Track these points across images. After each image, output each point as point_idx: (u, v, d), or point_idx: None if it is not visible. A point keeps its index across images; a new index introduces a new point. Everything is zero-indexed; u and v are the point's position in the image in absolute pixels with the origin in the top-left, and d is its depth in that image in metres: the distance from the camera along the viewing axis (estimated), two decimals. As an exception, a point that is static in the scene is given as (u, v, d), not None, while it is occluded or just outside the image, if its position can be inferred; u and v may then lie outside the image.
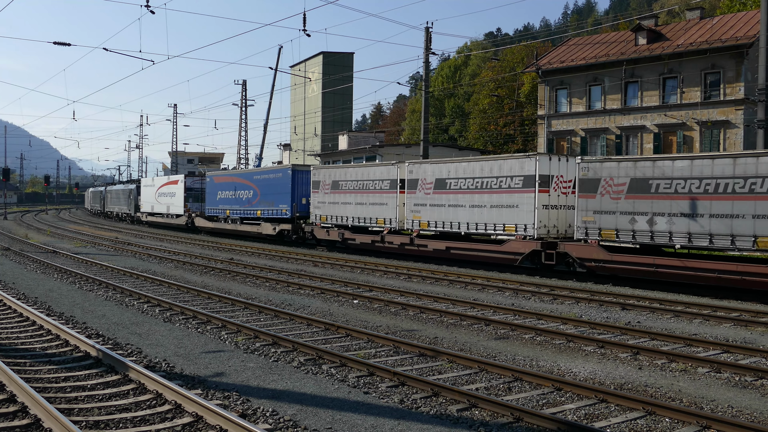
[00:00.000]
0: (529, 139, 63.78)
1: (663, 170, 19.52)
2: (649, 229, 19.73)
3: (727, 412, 8.45)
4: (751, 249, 17.77)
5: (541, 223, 22.59)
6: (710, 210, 18.41)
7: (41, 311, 14.69)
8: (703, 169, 18.68)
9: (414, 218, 27.21)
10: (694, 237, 18.75)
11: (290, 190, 34.87)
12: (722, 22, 40.03)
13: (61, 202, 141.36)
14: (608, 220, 20.72)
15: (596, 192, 21.05)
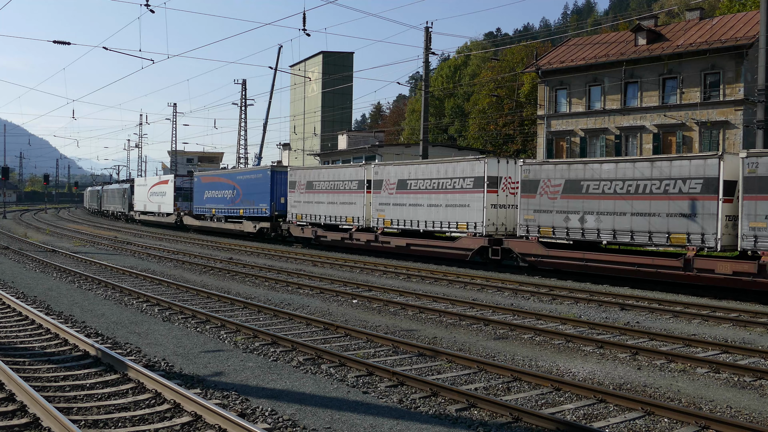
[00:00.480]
0: (529, 140, 63.81)
1: (593, 173, 21.20)
2: (581, 227, 21.40)
3: (726, 413, 8.46)
4: (666, 244, 19.55)
5: (489, 221, 24.22)
6: (632, 209, 20.05)
7: (40, 310, 14.69)
8: (626, 171, 20.35)
9: (379, 216, 28.82)
10: (618, 234, 20.47)
11: (269, 190, 36.51)
12: (722, 22, 40.04)
13: (60, 201, 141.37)
14: (546, 219, 22.38)
15: (536, 192, 22.69)
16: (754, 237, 17.63)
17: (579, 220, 21.44)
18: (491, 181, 24.20)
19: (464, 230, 24.90)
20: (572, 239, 21.86)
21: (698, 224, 18.70)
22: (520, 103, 65.95)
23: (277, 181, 36.58)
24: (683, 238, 19.00)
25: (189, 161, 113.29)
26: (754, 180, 17.72)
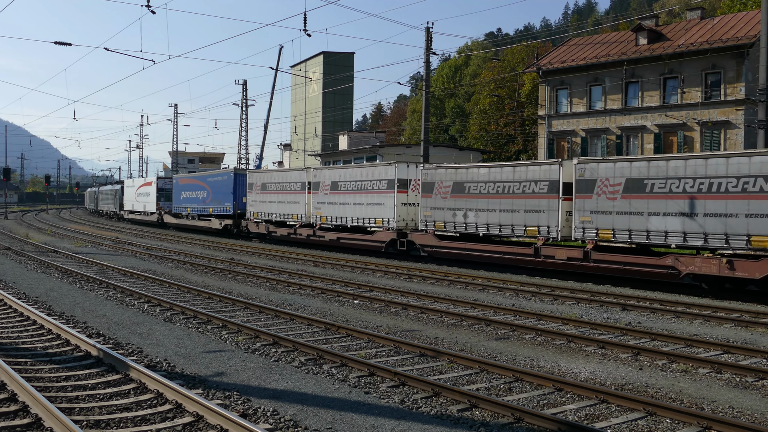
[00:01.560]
0: (530, 140, 63.80)
1: (472, 176, 24.98)
2: (464, 222, 25.19)
3: (728, 413, 8.45)
4: (524, 236, 23.32)
5: (399, 218, 27.92)
6: (500, 207, 23.91)
7: (42, 311, 14.70)
8: (495, 175, 24.20)
9: (317, 214, 32.70)
10: (491, 227, 24.19)
11: (232, 191, 40.38)
12: (723, 22, 40.02)
13: (61, 202, 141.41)
14: (439, 215, 26.19)
15: (432, 192, 26.45)
16: (582, 229, 21.39)
17: (463, 216, 25.21)
18: (401, 183, 27.89)
19: (380, 225, 28.61)
20: (458, 232, 25.59)
21: (545, 219, 22.40)
22: (521, 103, 65.94)
23: (240, 183, 39.93)
24: (535, 231, 22.70)
25: (190, 162, 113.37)
26: (582, 182, 21.38)
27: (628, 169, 20.45)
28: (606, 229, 20.80)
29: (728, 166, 18.23)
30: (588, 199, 21.23)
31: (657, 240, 19.76)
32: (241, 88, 65.48)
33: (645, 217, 19.90)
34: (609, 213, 20.75)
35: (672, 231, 19.29)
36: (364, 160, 54.29)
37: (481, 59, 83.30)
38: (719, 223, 18.33)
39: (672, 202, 19.31)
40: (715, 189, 18.41)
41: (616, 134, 41.87)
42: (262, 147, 63.33)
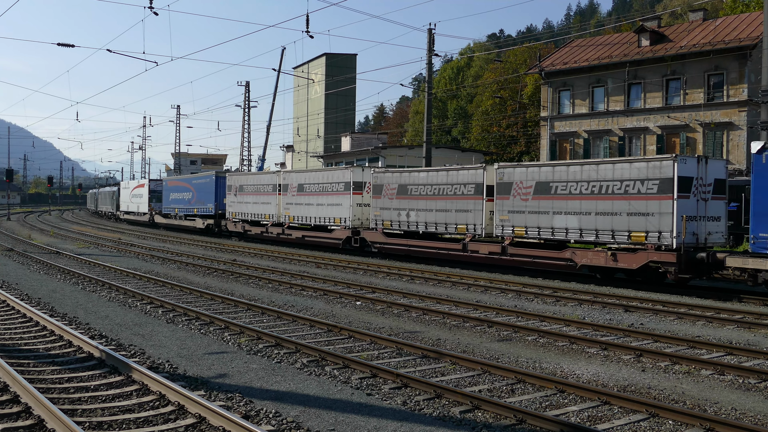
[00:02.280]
0: (532, 141, 63.79)
1: (414, 179, 27.64)
2: (407, 220, 27.79)
3: (731, 415, 8.43)
4: (455, 233, 25.96)
5: (355, 217, 30.48)
6: (435, 207, 26.52)
7: (44, 312, 14.71)
8: (432, 178, 26.91)
9: (286, 214, 35.49)
10: (429, 225, 26.90)
11: (214, 193, 43.34)
12: (725, 23, 39.99)
13: (64, 203, 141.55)
14: (387, 215, 28.76)
15: (381, 194, 29.01)
16: (502, 226, 23.87)
17: (406, 215, 27.88)
18: (357, 186, 30.53)
19: (338, 224, 31.34)
20: (402, 230, 28.25)
21: (472, 218, 25.00)
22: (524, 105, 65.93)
23: (221, 185, 42.90)
24: (464, 228, 25.33)
25: (192, 163, 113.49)
26: (501, 185, 23.84)
27: (538, 173, 22.85)
28: (520, 226, 23.35)
29: (614, 171, 20.66)
30: (506, 200, 23.75)
31: (560, 236, 22.10)
32: (244, 90, 65.61)
33: (551, 215, 22.30)
34: (522, 212, 23.25)
35: (571, 228, 21.66)
36: (366, 162, 54.34)
37: (484, 61, 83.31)
38: (608, 221, 20.73)
39: (571, 203, 21.69)
40: (605, 191, 20.77)
41: (618, 136, 41.85)
42: (264, 148, 63.43)
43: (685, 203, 19.26)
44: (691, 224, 19.45)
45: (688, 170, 19.43)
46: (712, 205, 20.04)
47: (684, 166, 19.38)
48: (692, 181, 19.50)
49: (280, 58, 62.46)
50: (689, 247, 19.29)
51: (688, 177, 19.46)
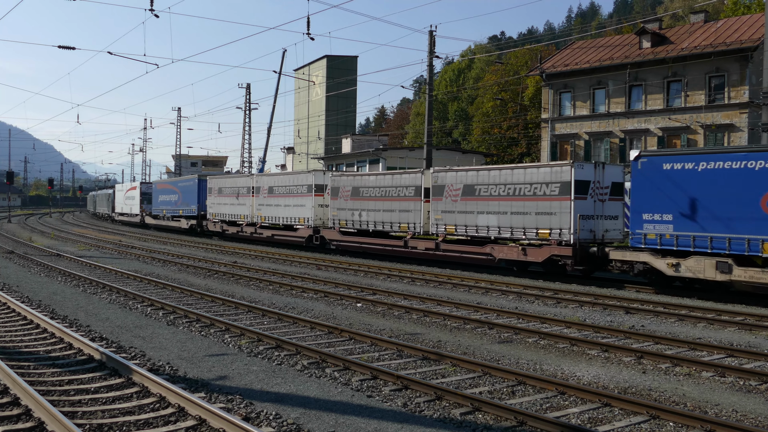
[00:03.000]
0: (533, 143, 63.79)
1: (365, 182, 30.19)
2: (360, 219, 30.36)
3: (732, 417, 8.43)
4: (398, 231, 28.60)
5: (317, 217, 33.47)
6: (383, 207, 29.11)
7: (45, 314, 14.71)
8: (380, 181, 29.46)
9: (258, 214, 38.38)
10: (377, 224, 29.40)
11: (197, 195, 45.99)
12: (726, 25, 39.99)
13: (64, 205, 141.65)
14: (343, 214, 31.43)
15: (338, 196, 31.65)
16: (436, 225, 26.36)
17: (359, 215, 30.46)
18: (318, 188, 33.46)
19: (302, 224, 34.14)
20: (356, 228, 30.78)
21: (413, 217, 27.68)
22: (525, 107, 65.94)
23: (203, 187, 45.59)
24: (406, 227, 28.02)
25: (193, 165, 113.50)
26: (436, 188, 26.27)
27: (465, 177, 25.24)
28: (451, 225, 25.80)
29: (525, 175, 23.12)
30: (440, 201, 26.24)
31: (483, 233, 24.57)
32: (245, 92, 65.65)
33: (475, 215, 24.79)
34: (453, 212, 25.67)
35: (491, 226, 24.16)
36: (367, 164, 54.37)
37: (485, 62, 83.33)
38: (520, 220, 23.21)
39: (492, 203, 24.18)
40: (518, 193, 23.24)
41: (619, 137, 41.85)
42: (265, 150, 63.48)
43: (582, 204, 21.75)
44: (588, 222, 21.94)
45: (585, 175, 21.89)
46: (609, 206, 22.44)
47: (581, 171, 21.80)
48: (589, 185, 21.92)
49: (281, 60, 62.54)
50: (585, 243, 21.71)
51: (586, 181, 21.88)
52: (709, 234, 18.52)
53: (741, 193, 18.01)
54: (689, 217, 19.02)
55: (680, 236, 19.11)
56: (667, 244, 19.34)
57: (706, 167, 18.91)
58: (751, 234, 17.65)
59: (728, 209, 18.17)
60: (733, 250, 18.02)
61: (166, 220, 52.40)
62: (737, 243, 17.95)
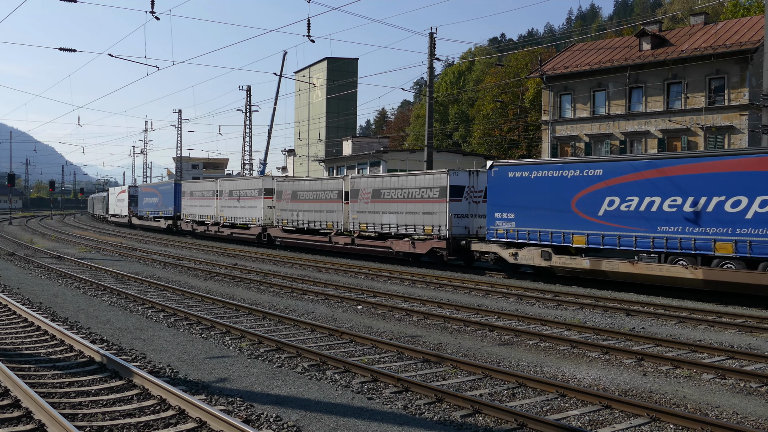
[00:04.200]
0: (533, 145, 63.79)
1: (301, 186, 35.45)
2: (297, 219, 35.24)
3: (732, 419, 8.42)
4: (325, 228, 33.19)
5: (266, 217, 38.19)
6: (314, 208, 34.02)
7: (46, 316, 14.72)
8: (312, 186, 34.75)
9: (221, 215, 43.41)
10: (311, 223, 34.17)
11: (173, 197, 51.12)
12: (726, 27, 40.00)
13: (65, 207, 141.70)
14: (285, 215, 36.25)
15: (281, 199, 36.65)
16: (353, 223, 31.04)
17: (297, 215, 35.34)
18: (267, 191, 38.09)
19: (254, 223, 39.01)
20: (295, 227, 35.56)
21: (337, 216, 32.30)
22: (525, 109, 65.97)
23: (179, 191, 50.71)
24: (331, 225, 32.59)
25: (194, 167, 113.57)
26: (353, 191, 31.02)
27: (374, 182, 30.15)
28: (364, 223, 30.42)
29: (416, 181, 27.68)
30: (356, 203, 30.92)
31: (386, 230, 29.29)
32: (245, 94, 65.66)
33: (381, 214, 29.45)
34: (365, 212, 30.36)
35: (392, 223, 28.82)
36: (368, 166, 54.39)
37: (485, 65, 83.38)
38: (412, 218, 27.75)
39: (393, 205, 28.84)
40: (411, 196, 27.85)
41: (619, 139, 41.84)
42: (265, 152, 63.47)
43: (456, 205, 26.15)
44: (463, 220, 26.31)
45: (459, 181, 26.27)
46: (483, 207, 25.69)
47: (456, 178, 26.22)
48: (464, 189, 26.25)
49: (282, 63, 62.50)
50: (459, 237, 26.04)
51: (460, 186, 26.25)
52: (538, 229, 22.66)
53: (558, 196, 22.01)
54: (525, 215, 23.04)
55: (519, 231, 23.23)
56: (511, 237, 23.43)
57: (537, 175, 22.84)
58: (566, 228, 21.83)
59: (550, 209, 22.25)
60: (554, 242, 22.17)
61: (149, 221, 57.23)
62: (556, 236, 22.11)
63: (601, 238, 20.91)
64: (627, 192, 20.42)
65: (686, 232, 19.10)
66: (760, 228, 17.75)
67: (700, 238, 18.81)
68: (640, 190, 20.15)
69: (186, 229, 48.64)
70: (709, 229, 18.66)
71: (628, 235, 20.25)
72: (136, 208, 61.84)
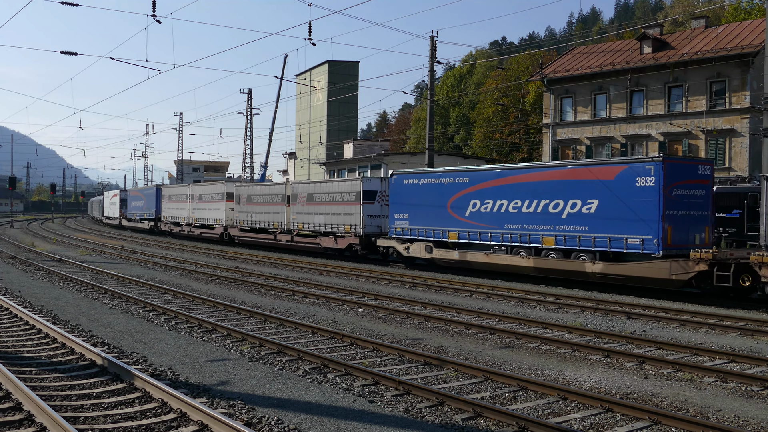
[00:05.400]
0: (534, 148, 63.80)
1: (254, 191, 40.64)
2: (251, 220, 39.99)
3: (734, 422, 8.42)
4: (273, 228, 37.72)
5: (227, 218, 43.15)
6: (264, 210, 38.78)
7: (47, 319, 14.72)
8: (262, 190, 39.96)
9: (192, 216, 48.26)
10: (261, 223, 38.91)
11: (155, 201, 56.12)
12: (727, 30, 40.03)
13: (67, 211, 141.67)
14: (242, 216, 41.22)
15: (239, 202, 41.31)
16: (293, 222, 36.06)
17: (250, 216, 40.15)
18: (228, 195, 43.14)
19: (218, 223, 44.26)
20: (250, 227, 40.31)
21: (281, 217, 37.23)
22: (526, 112, 65.97)
23: (160, 195, 55.85)
24: (276, 224, 37.47)
25: (195, 170, 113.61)
26: (293, 195, 36.07)
27: (309, 187, 35.31)
28: (301, 223, 35.44)
29: (340, 186, 32.97)
30: (295, 205, 35.93)
31: (317, 229, 33.91)
32: (246, 97, 65.74)
33: (313, 215, 34.32)
34: (302, 213, 35.29)
35: (321, 223, 33.54)
36: (369, 169, 54.40)
37: (486, 68, 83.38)
38: (336, 219, 32.45)
39: (322, 207, 33.69)
40: (336, 199, 32.64)
41: (620, 143, 41.85)
42: (266, 155, 63.55)
43: (369, 207, 30.80)
44: (376, 220, 30.76)
45: (373, 186, 31.16)
46: None
47: (369, 184, 31.14)
48: (377, 193, 30.96)
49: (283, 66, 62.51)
50: (371, 235, 30.56)
51: (373, 190, 30.98)
52: (424, 227, 27.07)
53: (438, 200, 26.42)
54: (415, 216, 27.52)
55: (411, 229, 27.68)
56: (406, 234, 27.99)
57: (424, 182, 27.46)
58: (443, 227, 26.25)
59: (433, 210, 26.72)
60: (435, 238, 26.58)
61: (136, 222, 62.50)
62: (437, 233, 26.52)
63: (467, 234, 25.33)
64: (485, 196, 24.89)
65: (524, 229, 23.53)
66: (571, 225, 22.07)
67: (534, 234, 23.16)
68: (493, 194, 24.54)
69: (165, 229, 53.61)
70: (538, 226, 23.01)
71: (486, 232, 24.73)
72: (125, 210, 66.66)
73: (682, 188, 20.50)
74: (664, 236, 19.92)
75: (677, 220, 20.26)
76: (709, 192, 21.25)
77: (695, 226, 20.78)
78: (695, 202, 20.83)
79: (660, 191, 19.95)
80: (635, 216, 20.47)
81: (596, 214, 21.39)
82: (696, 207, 20.84)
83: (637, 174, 20.60)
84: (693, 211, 20.76)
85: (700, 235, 20.93)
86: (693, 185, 20.86)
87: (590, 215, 21.57)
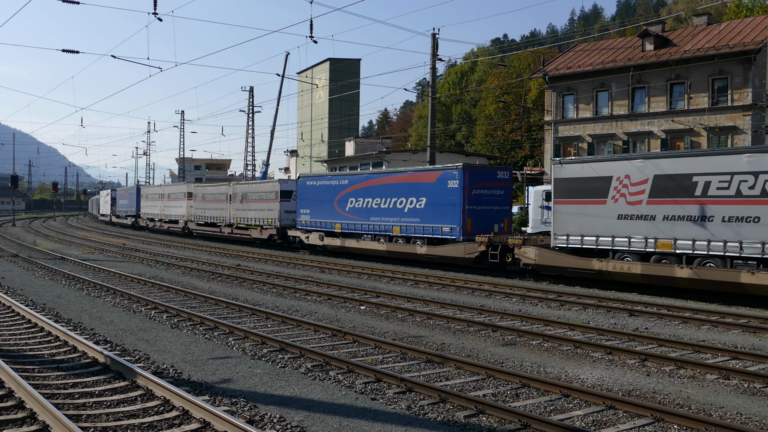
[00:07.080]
0: (536, 145, 63.73)
1: (207, 191, 47.03)
2: (204, 215, 46.36)
3: (736, 419, 8.41)
4: (219, 222, 44.27)
5: (189, 214, 49.55)
6: (214, 207, 45.38)
7: (49, 318, 14.74)
8: (213, 189, 46.21)
9: (162, 213, 54.67)
10: (211, 218, 45.50)
11: (136, 199, 62.53)
12: (729, 27, 39.95)
13: (68, 209, 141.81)
14: (198, 212, 47.73)
15: (196, 200, 47.61)
16: (235, 218, 42.62)
17: (204, 212, 46.67)
18: (189, 194, 50.00)
19: (181, 219, 51.13)
20: (204, 222, 46.77)
21: (226, 213, 42.66)
22: (528, 109, 65.92)
23: (140, 194, 62.32)
24: (222, 219, 43.72)
25: (197, 168, 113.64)
26: (233, 195, 42.44)
27: (243, 187, 41.65)
28: (239, 217, 41.89)
29: (265, 186, 39.10)
30: (234, 203, 42.46)
31: (250, 223, 40.86)
32: (248, 95, 65.71)
33: (247, 211, 40.64)
34: (240, 209, 41.52)
35: (252, 218, 40.28)
36: (371, 166, 54.42)
37: (488, 65, 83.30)
38: (261, 214, 39.28)
39: (253, 204, 40.23)
40: (261, 197, 38.97)
41: (622, 140, 41.80)
42: (268, 153, 63.51)
43: (286, 204, 37.71)
44: (291, 215, 37.10)
45: (289, 186, 37.97)
46: None
47: (286, 185, 38.29)
48: (292, 192, 37.43)
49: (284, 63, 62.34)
50: (287, 227, 37.25)
51: (290, 190, 37.74)
52: (319, 220, 33.61)
53: (328, 198, 32.83)
54: (314, 211, 33.99)
55: (311, 221, 34.26)
56: (308, 226, 34.55)
57: (320, 183, 33.90)
58: (332, 219, 32.72)
59: (325, 206, 33.04)
60: (326, 228, 33.10)
61: (121, 218, 68.93)
62: (327, 224, 33.03)
63: (347, 225, 31.72)
64: (358, 195, 31.17)
65: (382, 221, 29.67)
66: (410, 217, 28.27)
67: (387, 224, 29.42)
68: (363, 194, 30.89)
69: (143, 225, 60.36)
70: (391, 218, 29.23)
71: (359, 223, 30.97)
72: (115, 208, 72.91)
73: (481, 189, 26.49)
74: (465, 225, 26.01)
75: (477, 213, 26.28)
76: (507, 192, 27.41)
77: (495, 218, 26.69)
78: (494, 199, 26.78)
79: (461, 191, 26.02)
80: (447, 210, 26.60)
81: (425, 210, 27.60)
82: (495, 203, 26.80)
83: (449, 178, 26.68)
84: (492, 206, 26.68)
85: (499, 224, 26.69)
86: (492, 187, 26.89)
87: (421, 210, 27.77)
